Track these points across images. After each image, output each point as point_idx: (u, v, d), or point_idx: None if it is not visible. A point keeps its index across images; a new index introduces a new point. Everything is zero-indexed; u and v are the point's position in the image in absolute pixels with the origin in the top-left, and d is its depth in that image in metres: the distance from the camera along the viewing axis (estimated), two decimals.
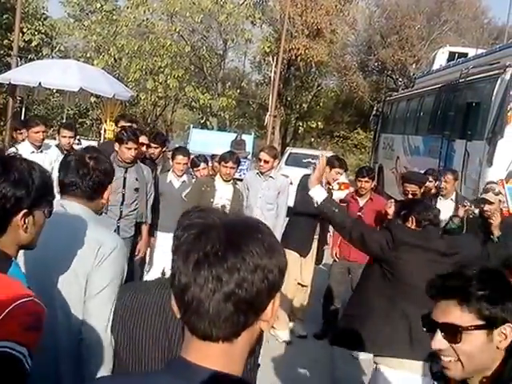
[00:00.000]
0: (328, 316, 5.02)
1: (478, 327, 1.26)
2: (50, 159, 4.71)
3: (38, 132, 4.72)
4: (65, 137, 5.22)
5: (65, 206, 1.84)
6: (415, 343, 2.52)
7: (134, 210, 4.24)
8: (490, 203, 4.01)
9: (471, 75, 9.05)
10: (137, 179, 4.19)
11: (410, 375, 2.58)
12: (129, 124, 5.33)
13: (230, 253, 0.81)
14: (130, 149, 4.07)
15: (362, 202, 4.82)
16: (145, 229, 4.38)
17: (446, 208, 4.69)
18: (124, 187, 4.14)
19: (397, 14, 23.40)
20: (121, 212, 4.14)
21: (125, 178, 4.14)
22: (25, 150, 4.65)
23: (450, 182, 5.10)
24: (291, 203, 5.12)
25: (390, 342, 2.61)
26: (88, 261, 1.76)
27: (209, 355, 0.84)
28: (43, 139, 4.81)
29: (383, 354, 2.67)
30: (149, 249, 4.72)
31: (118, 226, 4.15)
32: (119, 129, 5.31)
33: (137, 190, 4.20)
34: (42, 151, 4.77)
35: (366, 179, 4.70)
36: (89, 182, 1.83)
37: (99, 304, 1.74)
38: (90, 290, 1.77)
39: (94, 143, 9.99)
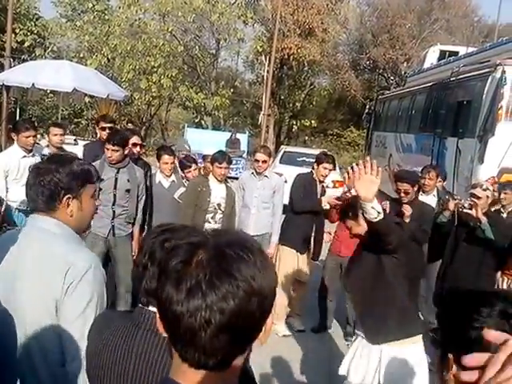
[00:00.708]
0: (323, 310, 5.14)
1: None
2: None
3: (28, 137, 4.61)
4: (56, 135, 5.17)
5: (34, 220, 1.69)
6: (418, 317, 2.90)
7: (128, 209, 4.27)
8: (478, 198, 4.12)
9: (462, 73, 9.16)
10: (128, 180, 4.20)
11: (418, 346, 2.82)
12: (109, 125, 5.27)
13: (224, 280, 0.76)
14: (108, 150, 4.09)
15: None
16: (136, 230, 4.37)
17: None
18: (115, 188, 4.16)
19: (388, 13, 23.57)
20: (113, 212, 4.17)
21: (116, 179, 4.16)
22: (16, 154, 4.63)
23: (433, 179, 5.23)
24: (286, 201, 5.24)
25: (408, 325, 2.80)
26: (55, 285, 1.57)
27: (203, 382, 0.80)
28: (34, 143, 4.72)
29: (400, 338, 2.79)
30: None
31: (113, 225, 4.20)
32: (100, 130, 5.34)
33: (128, 191, 4.21)
34: (33, 155, 4.68)
35: None
36: (42, 194, 1.64)
37: (76, 333, 1.57)
38: (63, 317, 1.59)
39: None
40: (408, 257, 2.84)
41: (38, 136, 5.48)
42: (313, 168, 4.99)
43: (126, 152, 4.26)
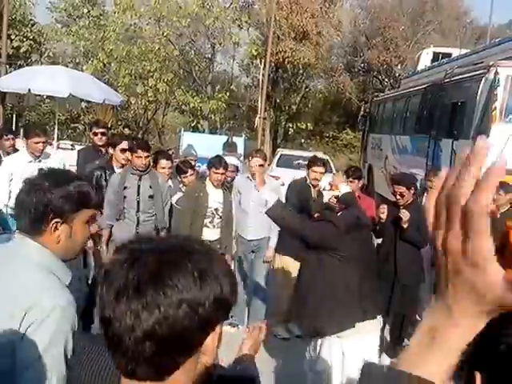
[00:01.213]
0: None
1: None
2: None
3: (37, 142, 4.58)
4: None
5: (13, 240, 1.49)
6: (363, 305, 3.00)
7: (152, 215, 4.31)
8: None
9: (456, 75, 9.24)
10: (150, 187, 4.27)
11: (371, 332, 3.00)
12: (102, 130, 5.34)
13: (150, 286, 0.73)
14: (140, 157, 4.16)
15: None
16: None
17: None
18: (138, 194, 4.23)
19: (381, 16, 23.74)
20: (138, 218, 4.23)
21: (139, 186, 4.23)
22: (23, 159, 4.63)
23: None
24: None
25: (345, 318, 2.94)
26: (8, 324, 1.33)
27: None
28: (43, 150, 4.69)
29: (346, 329, 2.95)
30: None
31: (138, 233, 4.22)
32: (93, 135, 5.38)
33: (151, 197, 4.27)
34: (40, 161, 4.63)
35: (351, 179, 4.83)
36: (28, 213, 1.44)
37: (35, 377, 1.35)
38: (20, 360, 1.35)
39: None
40: (350, 254, 2.99)
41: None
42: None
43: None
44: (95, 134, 5.30)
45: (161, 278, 0.73)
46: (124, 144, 4.57)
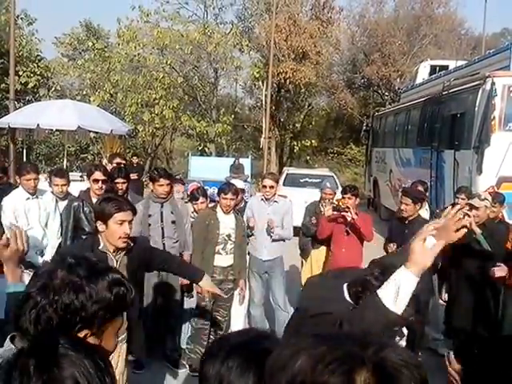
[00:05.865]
0: None
1: None
2: (44, 205, 4.70)
3: (29, 180, 4.58)
4: (57, 185, 4.97)
5: None
6: None
7: (177, 241, 4.49)
8: (476, 208, 4.20)
9: (453, 87, 9.44)
10: (172, 212, 4.46)
11: None
12: (122, 161, 5.80)
13: None
14: (162, 185, 4.37)
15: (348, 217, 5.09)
16: (187, 258, 4.52)
17: None
18: (162, 221, 4.42)
19: (377, 32, 24.13)
20: (164, 244, 4.39)
21: (162, 213, 4.42)
22: (20, 196, 4.64)
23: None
24: (296, 223, 5.48)
25: None
26: None
27: None
28: (35, 186, 4.66)
29: None
30: None
31: None
32: (115, 165, 5.58)
33: (173, 222, 4.46)
34: (37, 197, 4.68)
35: (349, 196, 4.98)
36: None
37: None
38: None
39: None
40: None
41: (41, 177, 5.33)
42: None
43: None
44: (118, 164, 5.53)
45: None
46: (96, 175, 4.57)
